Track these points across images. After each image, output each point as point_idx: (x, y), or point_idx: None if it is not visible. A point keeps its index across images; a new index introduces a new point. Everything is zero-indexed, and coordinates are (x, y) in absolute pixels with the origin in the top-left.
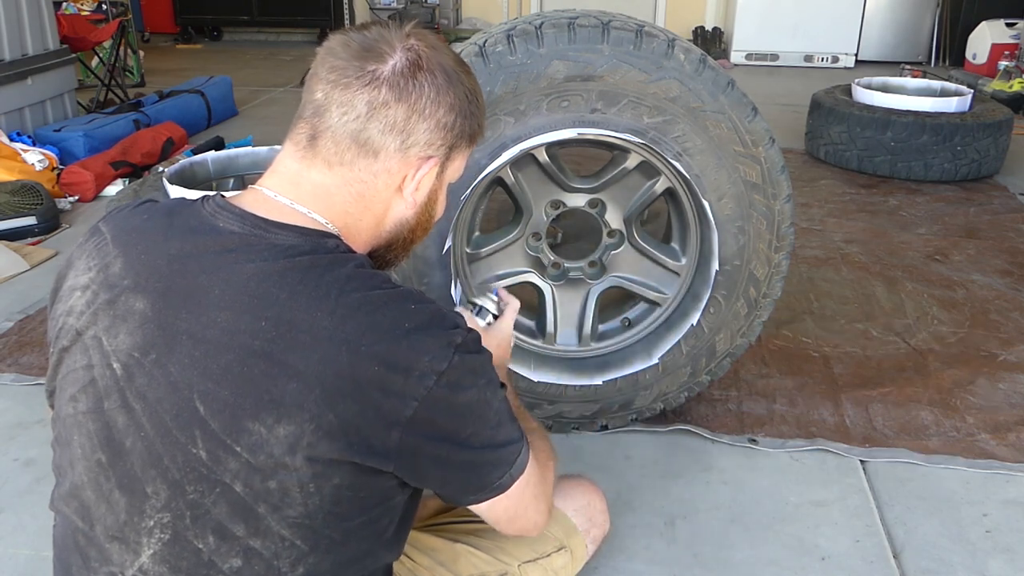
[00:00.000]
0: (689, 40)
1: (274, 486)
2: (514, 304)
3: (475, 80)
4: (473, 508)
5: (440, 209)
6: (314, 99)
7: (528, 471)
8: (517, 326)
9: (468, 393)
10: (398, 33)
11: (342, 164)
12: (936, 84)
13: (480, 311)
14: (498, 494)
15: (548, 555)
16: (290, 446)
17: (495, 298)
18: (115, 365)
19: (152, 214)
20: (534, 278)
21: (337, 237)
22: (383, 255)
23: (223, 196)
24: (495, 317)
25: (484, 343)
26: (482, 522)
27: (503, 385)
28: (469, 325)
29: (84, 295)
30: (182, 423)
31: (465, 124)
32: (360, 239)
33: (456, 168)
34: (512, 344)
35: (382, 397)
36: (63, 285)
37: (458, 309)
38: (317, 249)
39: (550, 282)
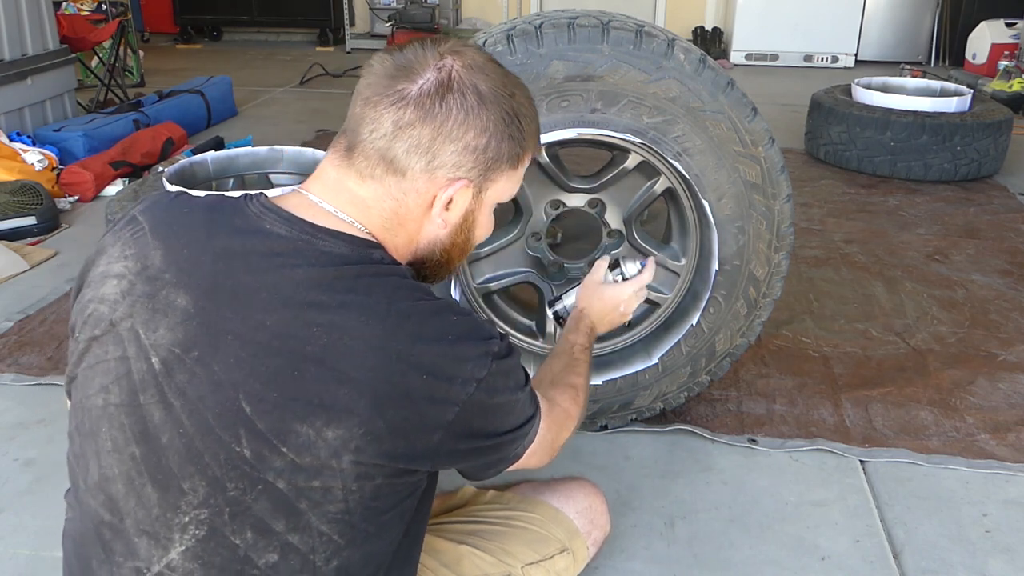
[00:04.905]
0: (689, 40)
1: (318, 484)
2: (643, 278)
3: (522, 99)
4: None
5: (481, 232)
6: (353, 113)
7: (539, 438)
8: (516, 326)
9: (501, 395)
10: (434, 51)
11: (373, 178)
12: (936, 84)
13: (616, 268)
14: (512, 463)
15: (551, 557)
16: (337, 449)
17: (639, 267)
18: (153, 359)
19: (193, 208)
20: (534, 278)
21: (381, 248)
22: (419, 270)
23: (266, 196)
24: (623, 279)
25: (595, 295)
26: (485, 522)
27: (526, 376)
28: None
29: (119, 284)
30: (226, 422)
31: (502, 146)
32: (397, 253)
33: (500, 190)
34: (622, 309)
35: (428, 404)
36: (93, 271)
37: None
38: (364, 259)
39: (550, 282)
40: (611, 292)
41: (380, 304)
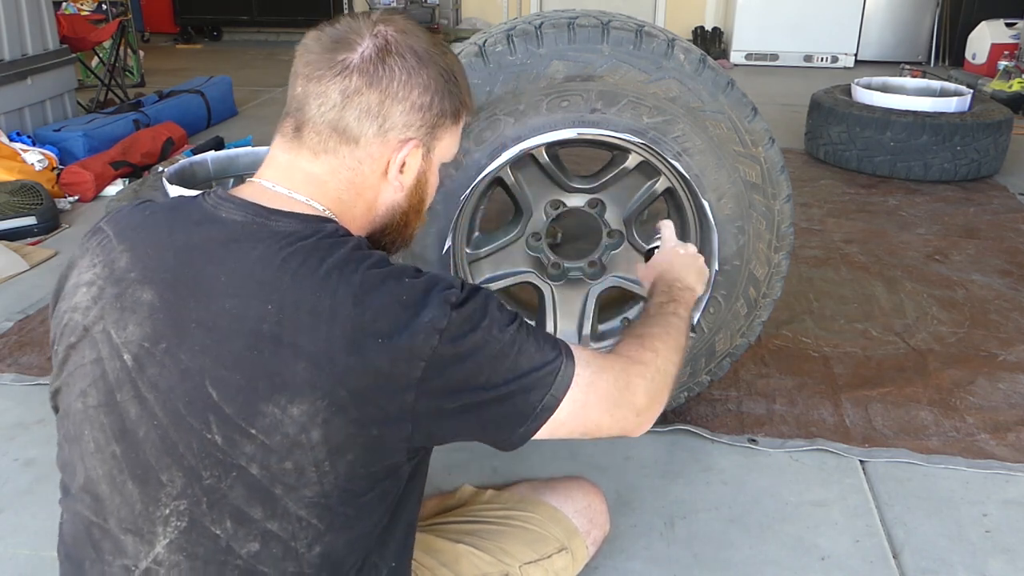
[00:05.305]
0: (689, 40)
1: (290, 466)
2: (666, 234)
3: (453, 58)
4: (546, 437)
5: (432, 191)
6: (295, 94)
7: (579, 384)
8: None
9: (471, 340)
10: (367, 21)
11: (327, 152)
12: (936, 84)
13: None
14: (548, 416)
15: (549, 556)
16: (304, 425)
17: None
18: (125, 356)
19: (154, 210)
20: (534, 278)
21: (335, 221)
22: (379, 239)
23: (223, 189)
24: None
25: (648, 271)
26: (483, 522)
27: (516, 317)
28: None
29: (89, 291)
30: (196, 409)
31: (444, 102)
32: (355, 224)
33: (445, 147)
34: (681, 252)
35: (390, 365)
36: (66, 284)
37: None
38: (317, 233)
39: (550, 282)
40: (656, 255)
41: (332, 275)
